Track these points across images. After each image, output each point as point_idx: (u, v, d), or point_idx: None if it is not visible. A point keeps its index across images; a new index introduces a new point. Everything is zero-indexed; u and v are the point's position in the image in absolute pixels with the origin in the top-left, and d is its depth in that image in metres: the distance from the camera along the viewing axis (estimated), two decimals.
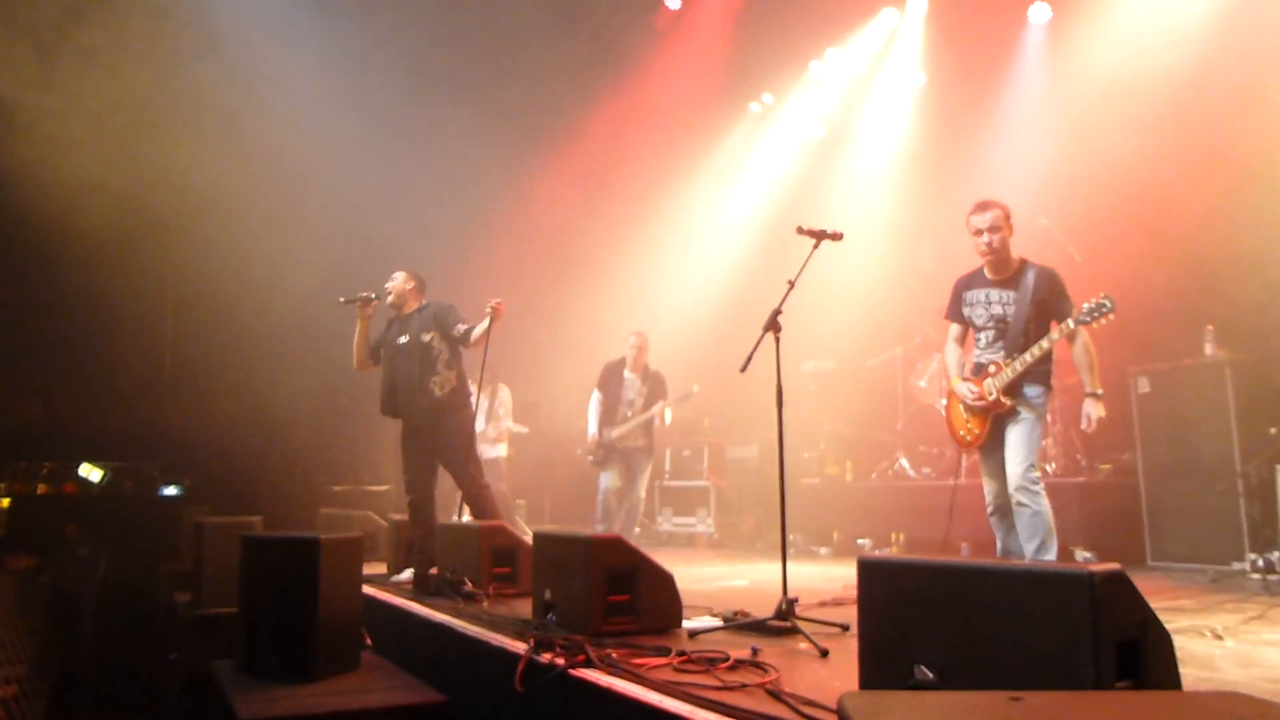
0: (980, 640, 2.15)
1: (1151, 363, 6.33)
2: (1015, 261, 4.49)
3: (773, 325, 3.99)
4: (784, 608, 3.63)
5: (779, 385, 3.98)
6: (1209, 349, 6.08)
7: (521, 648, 3.35)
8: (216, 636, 5.41)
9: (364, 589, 4.51)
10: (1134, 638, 2.05)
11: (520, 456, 9.08)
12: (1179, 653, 2.20)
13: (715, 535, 9.25)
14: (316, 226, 9.89)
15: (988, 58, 8.48)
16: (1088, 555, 6.03)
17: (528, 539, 5.12)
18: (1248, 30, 6.30)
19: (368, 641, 4.32)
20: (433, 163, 10.22)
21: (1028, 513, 4.20)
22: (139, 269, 9.56)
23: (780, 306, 4.00)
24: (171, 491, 11.06)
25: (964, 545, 6.74)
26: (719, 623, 3.81)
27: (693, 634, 3.63)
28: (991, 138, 8.20)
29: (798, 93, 10.35)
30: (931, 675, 2.23)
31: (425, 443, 5.71)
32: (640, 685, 2.73)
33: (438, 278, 6.21)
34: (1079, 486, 6.50)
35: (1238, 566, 5.58)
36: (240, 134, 9.44)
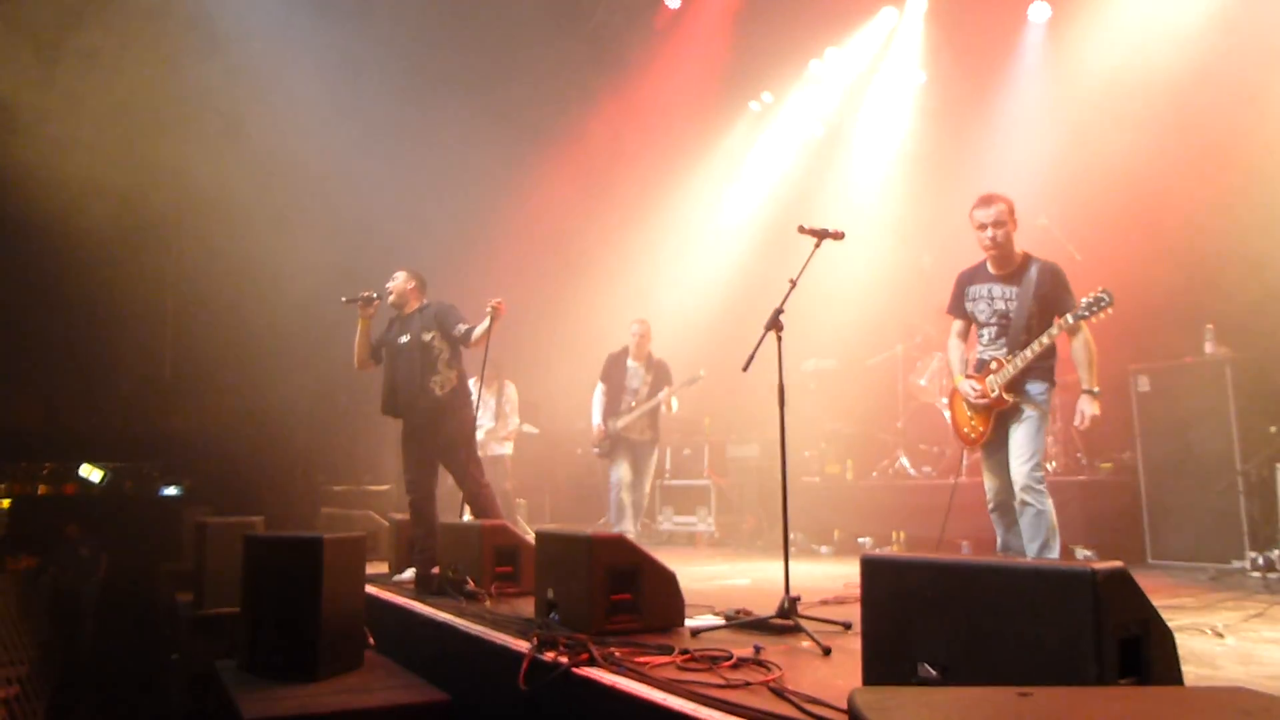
0: (983, 638, 2.15)
1: (1152, 361, 6.34)
2: (1019, 256, 4.45)
3: (775, 324, 3.98)
4: (786, 606, 3.63)
5: (780, 384, 3.97)
6: (1209, 347, 6.09)
7: (525, 646, 3.35)
8: (218, 636, 5.41)
9: (366, 589, 4.52)
10: (1136, 635, 2.05)
11: (520, 456, 9.08)
12: (1180, 650, 2.20)
13: (716, 534, 9.25)
14: (317, 226, 9.89)
15: (987, 56, 8.49)
16: (1088, 554, 6.03)
17: (529, 538, 5.13)
18: (1247, 30, 6.31)
19: (370, 641, 4.33)
20: (433, 162, 10.22)
21: (1031, 512, 4.18)
22: (140, 270, 9.57)
23: (782, 305, 4.00)
24: (172, 492, 11.07)
25: (964, 543, 6.75)
26: (721, 621, 3.81)
27: (695, 633, 3.63)
28: (991, 136, 8.20)
29: (797, 92, 10.37)
30: (935, 673, 2.24)
31: (426, 442, 5.72)
32: (644, 684, 2.74)
33: (438, 277, 6.22)
34: (1079, 485, 6.51)
35: (1238, 565, 5.59)
36: (241, 135, 9.45)
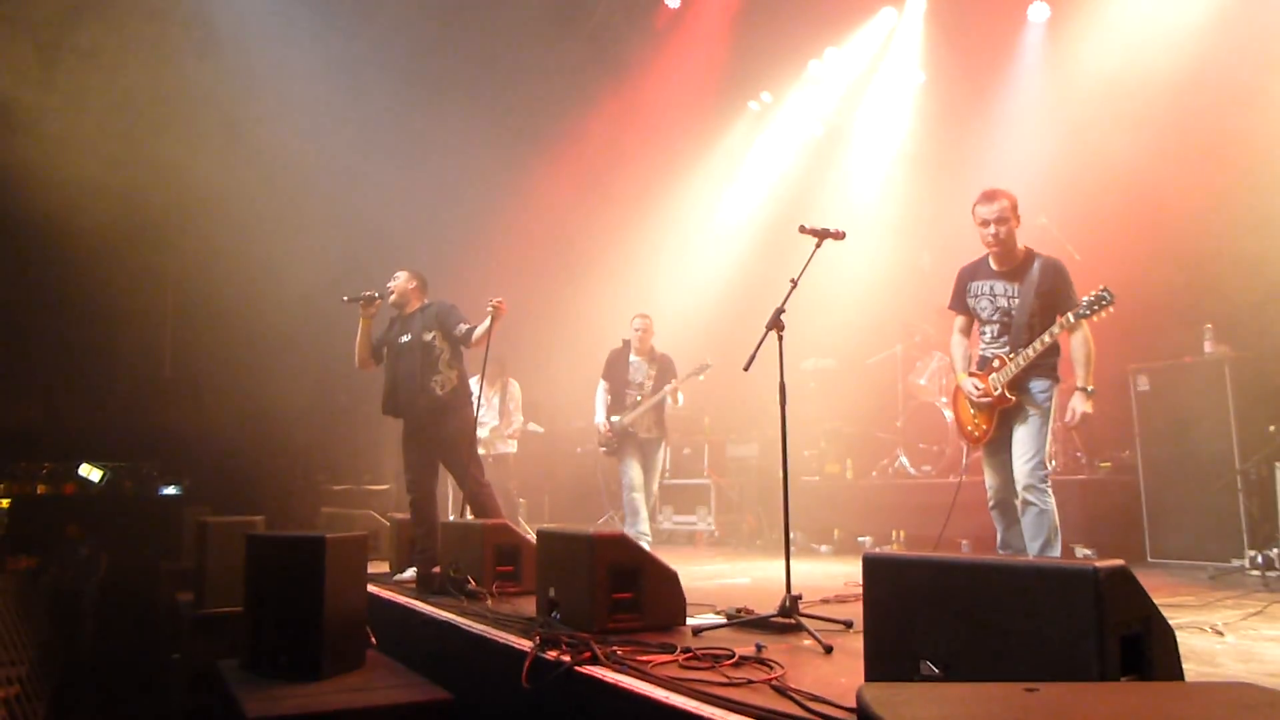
0: (985, 635, 2.16)
1: (1151, 360, 6.35)
2: (1021, 252, 4.42)
3: (776, 324, 3.98)
4: (787, 605, 3.64)
5: (782, 383, 3.97)
6: (1208, 347, 6.10)
7: (527, 645, 3.36)
8: (220, 636, 5.41)
9: (368, 588, 4.53)
10: (1138, 632, 2.06)
11: (520, 455, 9.09)
12: (1180, 648, 2.21)
13: (716, 533, 9.26)
14: (316, 226, 9.89)
15: (987, 56, 8.50)
16: (1088, 552, 6.05)
17: (530, 538, 5.13)
18: (1246, 30, 6.32)
19: (372, 640, 4.34)
20: (432, 162, 10.22)
21: (1034, 511, 4.18)
22: (139, 269, 9.56)
23: (783, 305, 4.00)
24: (171, 491, 11.05)
25: (964, 542, 6.76)
26: (723, 620, 3.81)
27: (697, 631, 3.64)
28: (991, 136, 8.21)
29: (797, 92, 10.37)
30: (937, 671, 2.25)
31: (426, 442, 5.73)
32: (647, 682, 2.74)
33: (438, 277, 6.22)
34: (1079, 484, 6.52)
35: (1237, 563, 5.62)
36: (240, 134, 9.44)
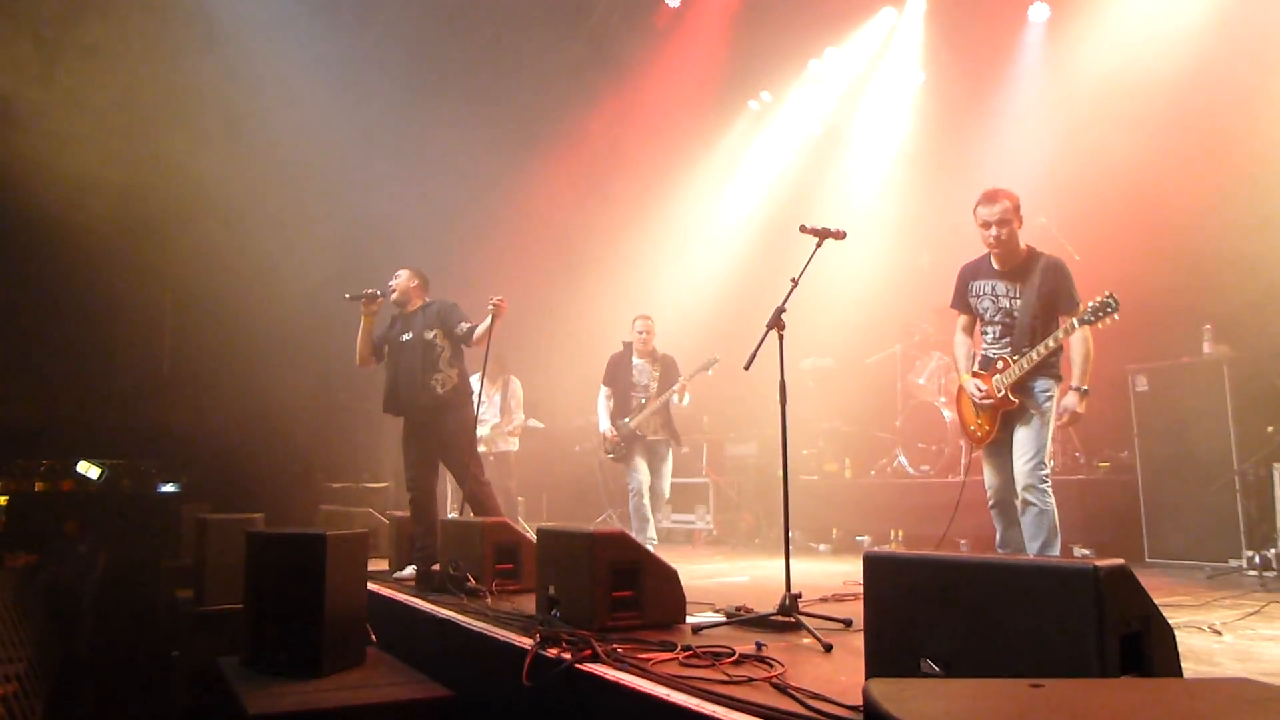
0: (986, 634, 2.16)
1: (1150, 361, 6.36)
2: (1023, 252, 4.40)
3: (776, 323, 3.99)
4: (787, 603, 3.65)
5: (782, 382, 3.98)
6: (1207, 347, 6.11)
7: (527, 643, 3.36)
8: (219, 633, 5.41)
9: (367, 585, 4.53)
10: (1137, 631, 2.06)
11: (518, 453, 9.10)
12: (1178, 647, 2.22)
13: (714, 532, 9.27)
14: (316, 223, 9.89)
15: (987, 56, 8.51)
16: (1086, 552, 6.06)
17: (529, 536, 5.14)
18: (1246, 31, 6.33)
19: (372, 637, 4.34)
20: (433, 160, 10.22)
21: (1034, 510, 4.19)
22: (138, 266, 9.54)
23: (784, 304, 4.01)
24: (170, 488, 11.04)
25: (962, 541, 6.77)
26: (722, 618, 3.82)
27: (697, 629, 3.65)
28: (990, 136, 8.22)
29: (797, 91, 10.38)
30: (937, 669, 2.25)
31: (426, 440, 5.74)
32: (647, 680, 2.75)
33: (437, 275, 6.23)
34: (1078, 484, 6.53)
35: (1234, 563, 5.63)
36: (240, 131, 9.44)
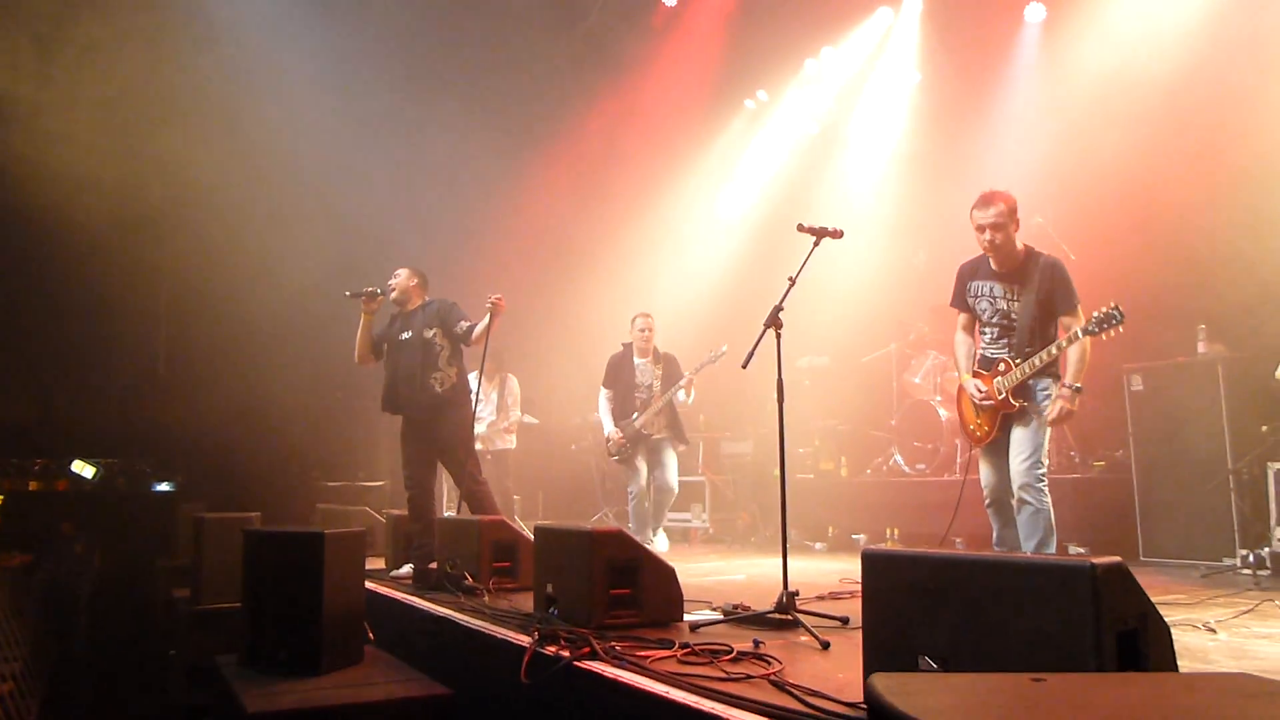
0: (983, 631, 2.17)
1: (1144, 360, 6.38)
2: (1021, 253, 4.40)
3: (774, 321, 4.00)
4: (784, 601, 3.66)
5: (780, 380, 3.99)
6: (1201, 347, 6.13)
7: (526, 640, 3.36)
8: (217, 631, 5.41)
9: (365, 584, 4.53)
10: (1134, 628, 2.07)
11: (515, 451, 9.11)
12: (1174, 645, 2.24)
13: (710, 530, 9.28)
14: (312, 222, 9.87)
15: (983, 56, 8.53)
16: (1081, 551, 6.08)
17: (526, 534, 5.14)
18: (1241, 32, 6.36)
19: (370, 636, 4.35)
20: (429, 158, 10.21)
21: (1029, 510, 4.20)
22: (134, 264, 9.52)
23: (781, 303, 4.02)
24: (165, 488, 11.02)
25: (958, 540, 6.79)
26: (720, 616, 3.83)
27: (694, 627, 3.65)
28: (986, 136, 8.24)
29: (793, 90, 10.39)
30: (935, 665, 2.26)
31: (425, 439, 5.74)
32: (646, 677, 2.76)
33: (434, 274, 6.23)
34: (1073, 483, 6.56)
35: (1229, 562, 5.65)
36: (237, 129, 9.43)
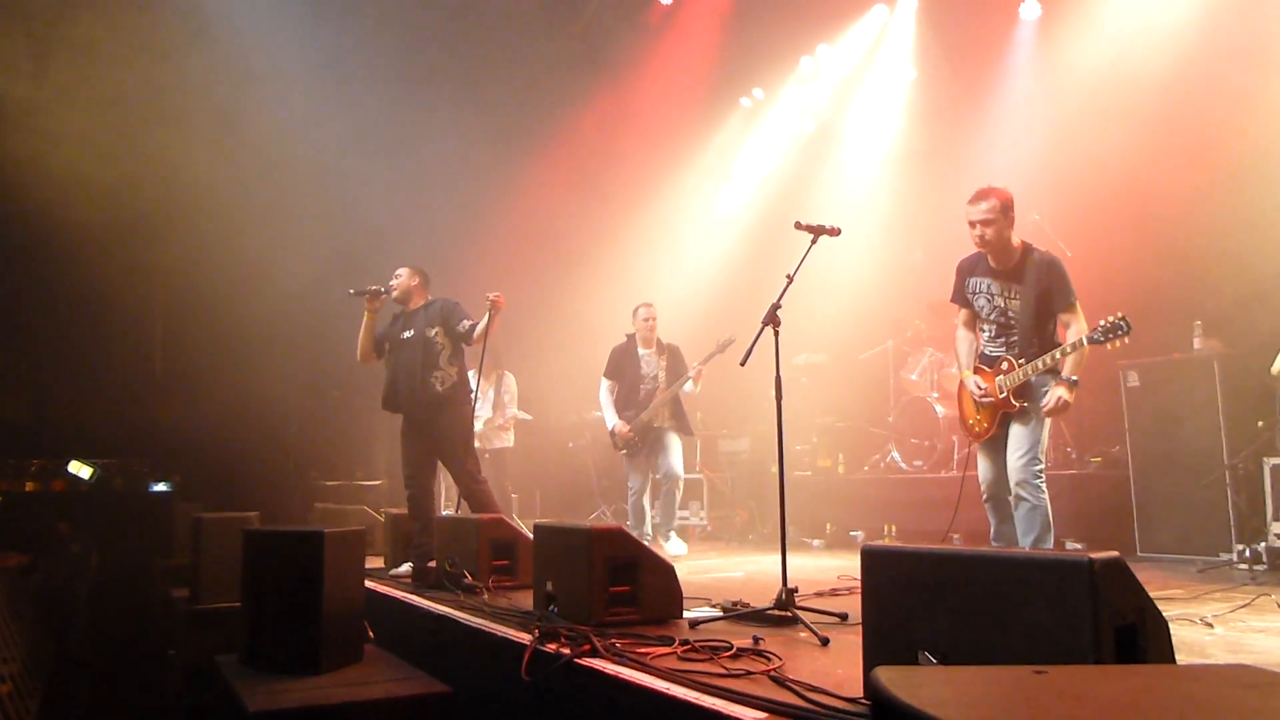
0: (982, 626, 2.18)
1: (1141, 357, 6.39)
2: (1018, 250, 4.39)
3: (772, 319, 4.01)
4: (784, 597, 3.67)
5: (778, 377, 4.00)
6: (1197, 343, 6.15)
7: (526, 638, 3.37)
8: (216, 631, 5.40)
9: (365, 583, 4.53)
10: (1132, 623, 2.09)
11: (512, 450, 9.11)
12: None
13: (708, 528, 9.29)
14: (308, 221, 9.86)
15: (978, 54, 8.55)
16: (1078, 546, 6.10)
17: (525, 533, 5.15)
18: (1235, 29, 6.37)
19: (370, 634, 4.35)
20: (425, 157, 10.20)
21: (1026, 506, 4.22)
22: (130, 263, 9.52)
23: (779, 300, 4.03)
24: (162, 488, 11.01)
25: (955, 536, 6.80)
26: (719, 613, 3.84)
27: (694, 624, 3.66)
28: (982, 133, 8.25)
29: (789, 88, 10.40)
30: (934, 661, 2.28)
31: (425, 437, 5.75)
32: (647, 673, 2.77)
33: (431, 272, 6.23)
34: (1069, 479, 6.58)
35: (1225, 557, 5.67)
36: (232, 128, 9.42)
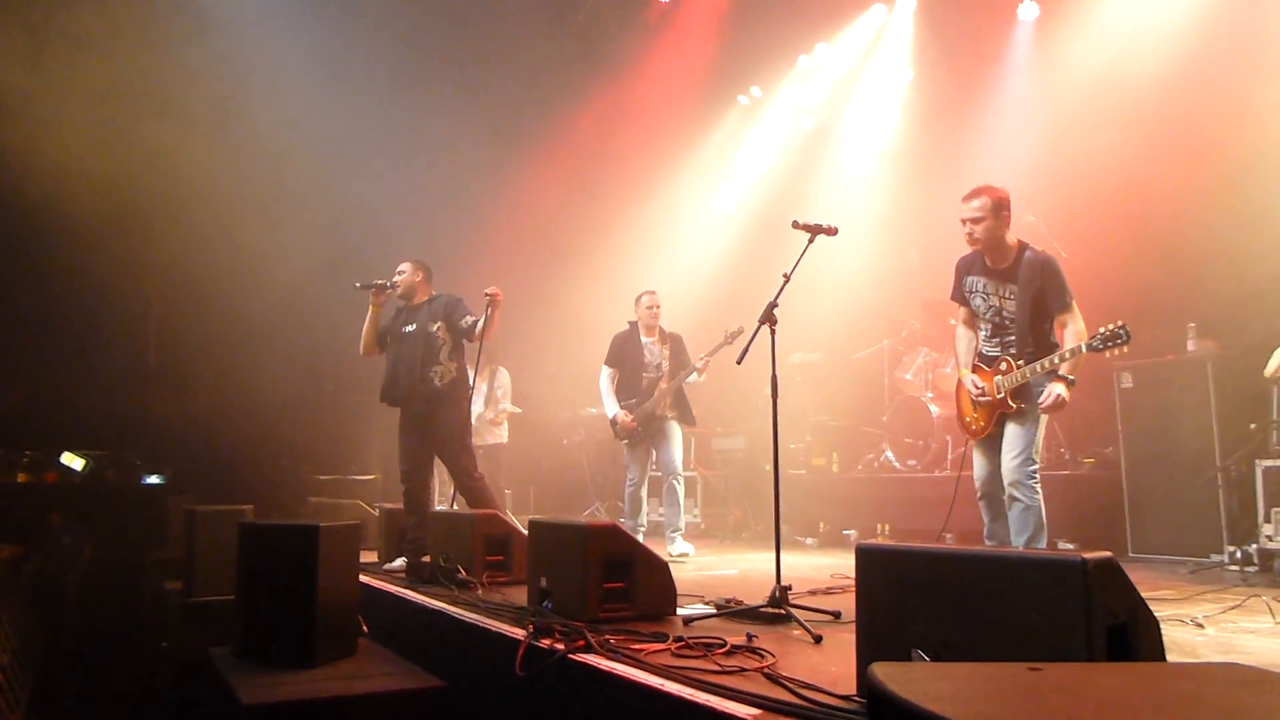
0: (975, 625, 2.19)
1: (1134, 358, 6.36)
2: (1013, 250, 4.39)
3: (768, 318, 4.03)
4: (777, 595, 3.68)
5: (774, 376, 4.02)
6: (1191, 345, 6.18)
7: (520, 634, 3.38)
8: (209, 624, 5.40)
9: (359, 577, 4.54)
10: (1124, 623, 2.10)
11: (506, 446, 9.10)
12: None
13: (702, 525, 9.30)
14: (304, 214, 9.84)
15: (976, 54, 8.56)
16: (1070, 546, 6.12)
17: (519, 528, 5.15)
18: (1231, 31, 6.39)
19: (364, 629, 4.35)
20: (421, 152, 10.18)
21: (1020, 506, 4.23)
22: (124, 255, 9.46)
23: (776, 299, 4.05)
24: (155, 480, 10.98)
25: (948, 535, 6.81)
26: (712, 610, 3.86)
27: (688, 621, 3.68)
28: (979, 133, 8.27)
29: (786, 87, 10.40)
30: (928, 659, 2.29)
31: (423, 432, 5.75)
32: (641, 670, 2.77)
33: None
34: (1062, 479, 6.60)
35: (1216, 558, 5.70)
36: (228, 121, 9.39)
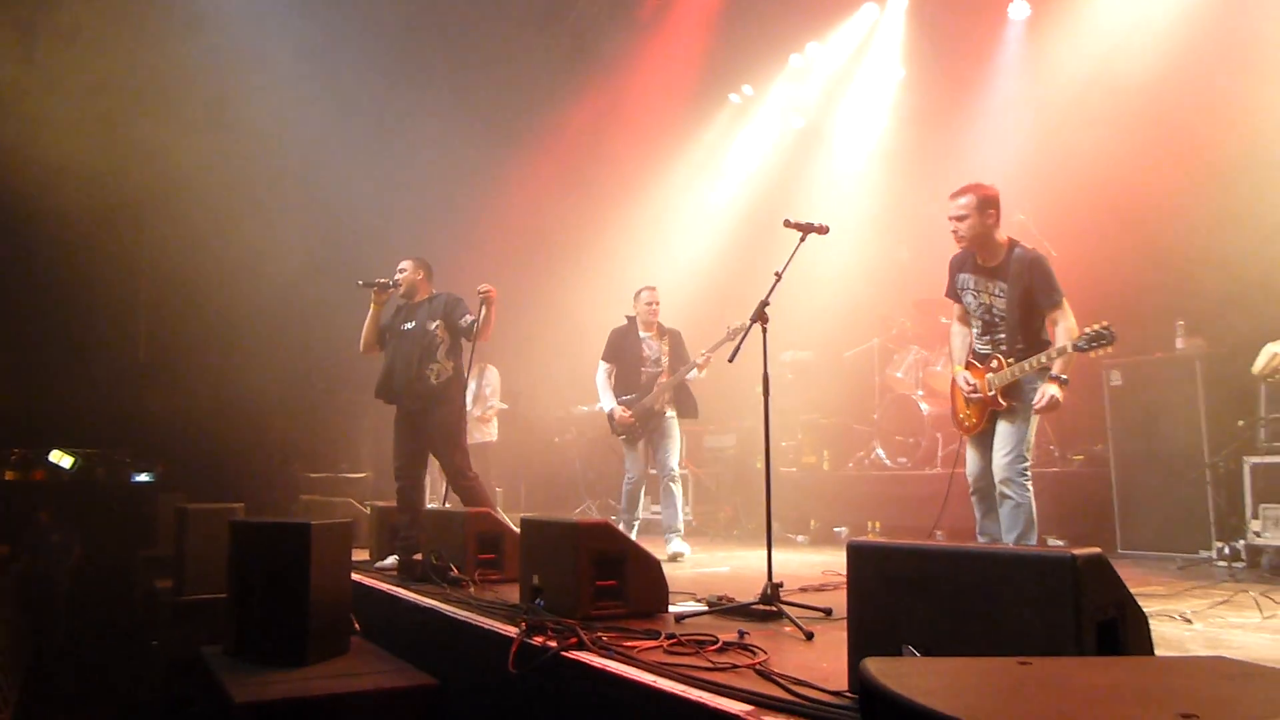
0: (966, 621, 2.21)
1: (1123, 356, 6.41)
2: (1004, 247, 4.39)
3: (760, 316, 4.04)
4: (769, 592, 3.70)
5: (765, 374, 4.03)
6: (1179, 343, 6.20)
7: (512, 631, 3.39)
8: (200, 622, 5.39)
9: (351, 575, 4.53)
10: (1113, 618, 2.12)
11: (496, 444, 9.10)
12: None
13: (693, 523, 9.31)
14: (295, 211, 9.82)
15: (967, 53, 8.58)
16: (1060, 543, 6.15)
17: (511, 527, 5.15)
18: (1221, 31, 6.42)
19: (355, 626, 4.35)
20: (413, 149, 10.17)
21: (1011, 504, 4.25)
22: (114, 251, 9.44)
23: (768, 298, 4.06)
24: (144, 478, 10.93)
25: (939, 532, 6.84)
26: (704, 607, 3.87)
27: (679, 618, 3.69)
28: (970, 132, 8.29)
29: (778, 85, 10.41)
30: (919, 654, 2.30)
31: (417, 430, 5.74)
32: (633, 666, 2.78)
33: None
34: (1052, 476, 6.62)
35: (1205, 554, 5.73)
36: (220, 117, 9.36)
